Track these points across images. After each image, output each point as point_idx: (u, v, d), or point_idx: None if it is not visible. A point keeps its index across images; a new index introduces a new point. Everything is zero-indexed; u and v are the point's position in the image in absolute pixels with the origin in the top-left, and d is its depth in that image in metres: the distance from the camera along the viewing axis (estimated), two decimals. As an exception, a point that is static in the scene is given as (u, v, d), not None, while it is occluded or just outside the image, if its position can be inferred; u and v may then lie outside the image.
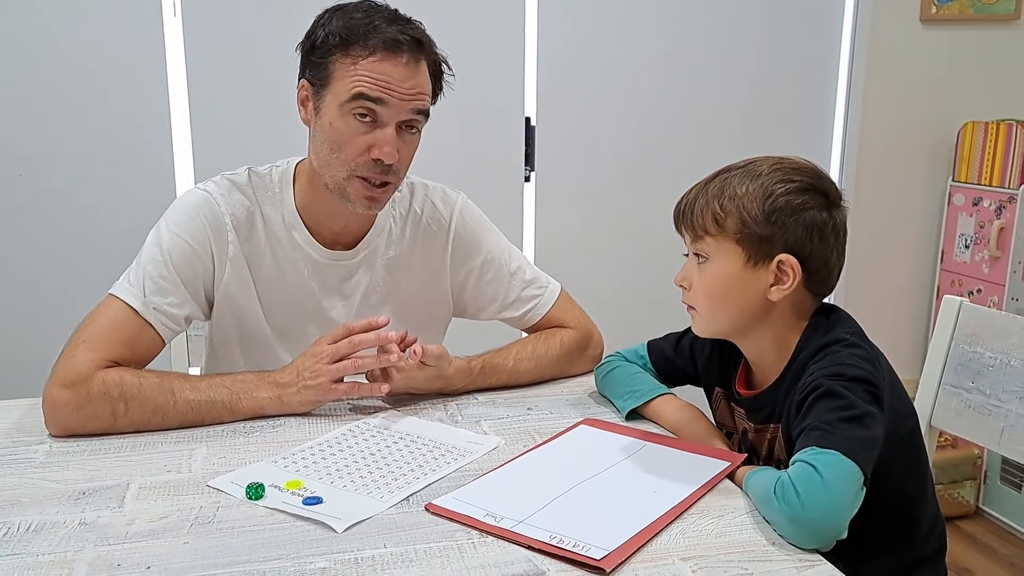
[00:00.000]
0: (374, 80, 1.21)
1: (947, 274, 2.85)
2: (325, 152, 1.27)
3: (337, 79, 1.23)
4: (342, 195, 1.28)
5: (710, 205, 1.10)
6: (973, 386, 1.34)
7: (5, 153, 2.21)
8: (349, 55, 1.22)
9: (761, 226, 1.07)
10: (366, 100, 1.22)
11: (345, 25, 1.22)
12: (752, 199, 1.08)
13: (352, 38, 1.21)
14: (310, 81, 1.27)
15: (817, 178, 1.10)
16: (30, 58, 2.18)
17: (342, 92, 1.22)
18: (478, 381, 1.34)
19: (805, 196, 1.08)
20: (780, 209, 1.07)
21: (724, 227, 1.09)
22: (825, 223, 1.09)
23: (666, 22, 2.59)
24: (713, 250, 1.11)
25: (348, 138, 1.24)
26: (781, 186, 1.08)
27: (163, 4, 2.23)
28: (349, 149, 1.25)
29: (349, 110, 1.23)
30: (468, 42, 2.38)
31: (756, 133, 2.65)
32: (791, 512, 0.90)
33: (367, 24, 1.21)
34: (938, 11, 2.75)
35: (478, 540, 0.90)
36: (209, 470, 1.05)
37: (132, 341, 1.22)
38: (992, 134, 2.67)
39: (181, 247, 1.28)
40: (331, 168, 1.27)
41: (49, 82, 2.20)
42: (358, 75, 1.21)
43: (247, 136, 2.28)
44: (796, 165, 1.11)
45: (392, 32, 1.21)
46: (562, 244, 2.61)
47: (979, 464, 2.72)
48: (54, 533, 0.90)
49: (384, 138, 1.24)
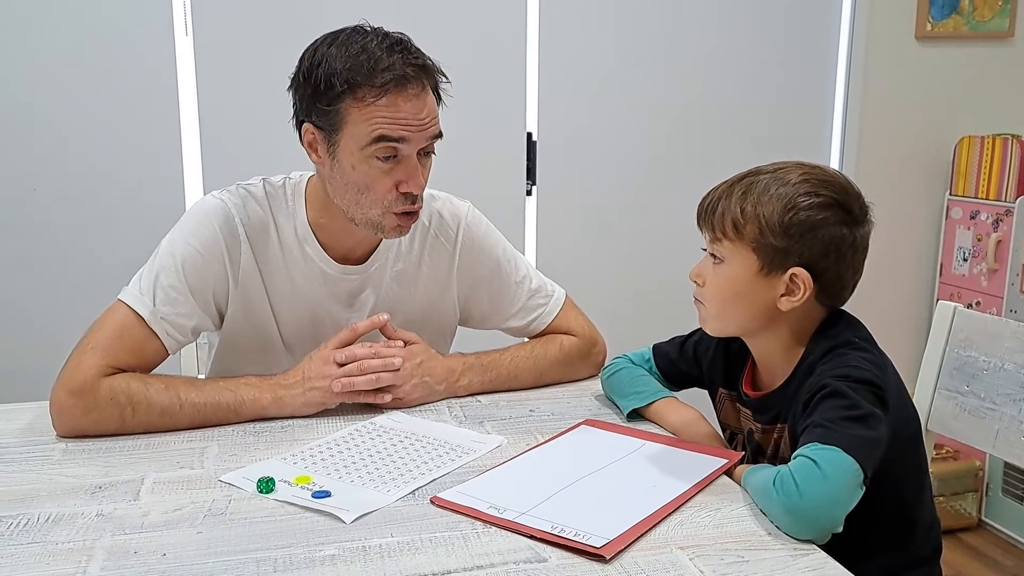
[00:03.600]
0: (391, 120, 1.20)
1: (946, 287, 2.88)
2: (351, 194, 1.26)
3: (351, 123, 1.21)
4: (376, 229, 1.29)
5: (732, 209, 1.10)
6: (968, 390, 1.36)
7: (21, 166, 2.26)
8: (358, 98, 1.19)
9: (779, 238, 1.07)
10: (388, 141, 1.21)
11: (348, 67, 1.18)
12: (774, 209, 1.07)
13: (359, 80, 1.18)
14: (317, 126, 1.24)
15: (843, 193, 1.09)
16: (44, 73, 2.23)
17: (360, 136, 1.21)
18: (474, 374, 1.36)
19: (828, 212, 1.07)
20: (800, 223, 1.07)
21: (742, 233, 1.09)
22: (844, 239, 1.08)
23: (665, 40, 2.64)
24: (729, 253, 1.11)
25: (375, 179, 1.24)
26: (805, 199, 1.07)
27: (175, 22, 2.28)
28: (378, 189, 1.24)
29: (371, 153, 1.22)
30: (471, 59, 2.43)
31: (755, 149, 2.65)
32: (789, 503, 0.92)
33: (370, 61, 1.18)
34: (933, 28, 2.79)
35: (482, 530, 0.93)
36: (221, 466, 1.09)
37: (138, 349, 1.24)
38: (988, 148, 2.71)
39: (194, 257, 1.28)
40: (361, 207, 1.26)
41: (63, 96, 2.25)
42: (374, 118, 1.20)
43: (256, 149, 2.32)
44: (825, 177, 1.10)
45: (399, 67, 1.19)
46: (563, 257, 2.63)
47: (980, 476, 2.74)
48: (72, 523, 0.93)
49: (410, 172, 1.24)
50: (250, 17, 2.33)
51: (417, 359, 1.31)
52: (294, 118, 1.29)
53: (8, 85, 2.22)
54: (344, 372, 1.24)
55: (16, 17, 2.19)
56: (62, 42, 2.23)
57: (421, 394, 1.31)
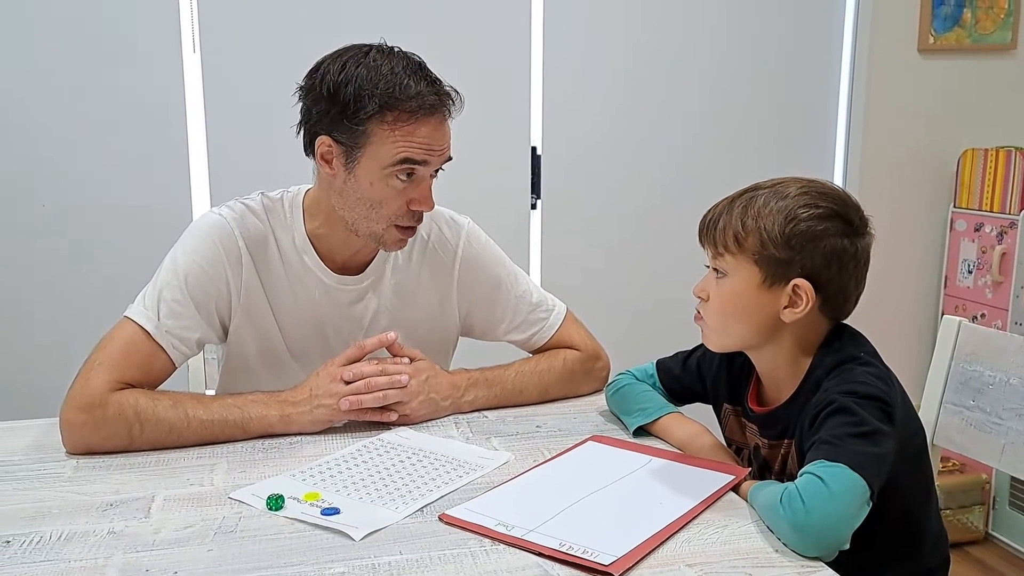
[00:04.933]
0: (418, 145, 1.25)
1: (951, 299, 2.88)
2: (362, 208, 1.30)
3: (376, 143, 1.25)
4: (377, 241, 1.33)
5: (732, 223, 1.11)
6: (974, 404, 1.36)
7: (29, 182, 2.28)
8: (387, 121, 1.23)
9: (780, 249, 1.09)
10: (410, 163, 1.26)
11: (380, 90, 1.22)
12: (774, 221, 1.09)
13: (391, 103, 1.23)
14: (337, 140, 1.27)
15: (843, 205, 1.10)
16: (51, 89, 2.25)
17: (384, 157, 1.25)
18: (479, 390, 1.37)
19: (828, 223, 1.08)
20: (801, 234, 1.08)
21: (744, 246, 1.11)
22: (846, 251, 1.09)
23: (669, 54, 2.65)
24: (731, 267, 1.13)
25: (390, 197, 1.28)
26: (805, 211, 1.08)
27: (183, 40, 2.30)
28: (391, 206, 1.29)
29: (391, 172, 1.26)
30: (476, 73, 2.44)
31: (759, 163, 2.67)
32: (796, 520, 0.92)
33: (401, 85, 1.23)
34: (935, 41, 2.80)
35: (490, 547, 0.93)
36: (231, 483, 1.09)
37: (146, 364, 1.26)
38: (992, 161, 2.71)
39: (196, 272, 1.31)
40: (368, 221, 1.30)
41: (71, 112, 2.27)
42: (400, 141, 1.24)
43: (262, 165, 2.33)
44: (824, 190, 1.11)
45: (430, 97, 1.24)
46: (568, 271, 2.64)
47: (987, 489, 2.73)
48: (85, 541, 0.94)
49: (424, 193, 1.30)
50: (257, 35, 2.35)
51: (423, 375, 1.32)
52: (303, 128, 1.31)
53: (16, 100, 2.24)
54: (351, 390, 1.26)
55: (23, 34, 2.21)
56: (70, 60, 2.25)
57: (427, 411, 1.32)
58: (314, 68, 1.29)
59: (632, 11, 2.61)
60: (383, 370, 1.28)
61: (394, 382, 1.28)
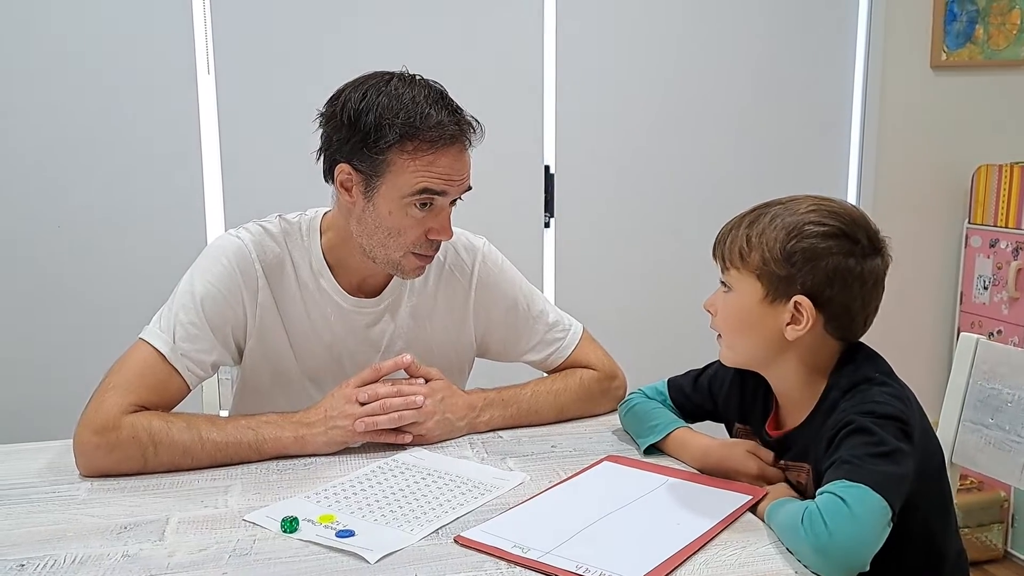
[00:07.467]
0: (438, 175, 1.25)
1: (967, 316, 2.86)
2: (380, 236, 1.30)
3: (396, 173, 1.25)
4: (395, 268, 1.33)
5: (739, 238, 1.12)
6: (992, 422, 1.35)
7: (44, 203, 2.29)
8: (407, 150, 1.23)
9: (780, 265, 1.08)
10: (430, 193, 1.26)
11: (401, 119, 1.22)
12: (777, 238, 1.09)
13: (411, 133, 1.22)
14: (356, 168, 1.27)
15: (851, 224, 1.09)
16: (67, 110, 2.27)
17: (403, 186, 1.25)
18: (495, 410, 1.36)
19: (831, 241, 1.07)
20: (802, 251, 1.07)
21: (747, 261, 1.11)
22: (850, 270, 1.08)
23: (682, 72, 2.66)
24: (736, 282, 1.13)
25: (408, 226, 1.28)
26: (810, 228, 1.08)
27: (197, 62, 2.32)
28: (409, 235, 1.29)
29: (411, 201, 1.26)
30: (489, 92, 2.45)
31: (774, 182, 2.68)
32: (818, 542, 0.91)
33: (422, 115, 1.22)
34: (948, 58, 2.80)
35: (507, 570, 0.93)
36: (245, 505, 1.09)
37: (160, 386, 1.25)
38: (1006, 176, 2.70)
39: (212, 294, 1.31)
40: (386, 249, 1.30)
41: (86, 133, 2.29)
42: (421, 172, 1.24)
43: (277, 187, 2.34)
44: (835, 209, 1.10)
45: (451, 127, 1.24)
46: (582, 289, 2.64)
47: (1006, 507, 2.70)
48: (99, 565, 0.94)
49: (443, 223, 1.30)
50: (272, 57, 2.37)
51: (439, 395, 1.31)
52: (323, 155, 1.31)
53: (31, 122, 2.26)
54: (367, 411, 1.25)
55: (38, 53, 2.24)
56: (86, 82, 2.27)
57: (443, 431, 1.31)
58: (335, 95, 1.29)
59: (645, 31, 2.62)
60: (398, 391, 1.28)
61: (409, 403, 1.27)
